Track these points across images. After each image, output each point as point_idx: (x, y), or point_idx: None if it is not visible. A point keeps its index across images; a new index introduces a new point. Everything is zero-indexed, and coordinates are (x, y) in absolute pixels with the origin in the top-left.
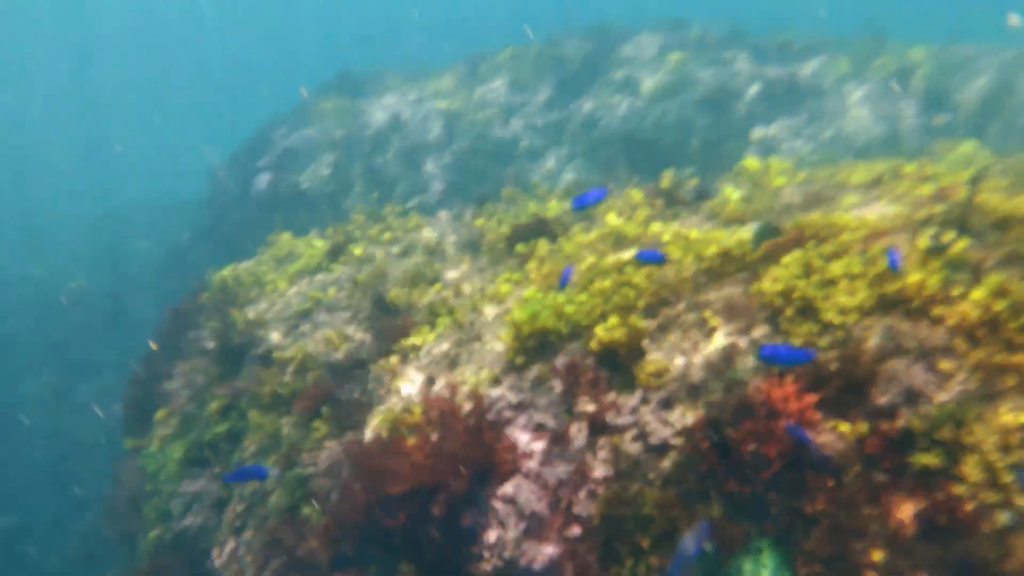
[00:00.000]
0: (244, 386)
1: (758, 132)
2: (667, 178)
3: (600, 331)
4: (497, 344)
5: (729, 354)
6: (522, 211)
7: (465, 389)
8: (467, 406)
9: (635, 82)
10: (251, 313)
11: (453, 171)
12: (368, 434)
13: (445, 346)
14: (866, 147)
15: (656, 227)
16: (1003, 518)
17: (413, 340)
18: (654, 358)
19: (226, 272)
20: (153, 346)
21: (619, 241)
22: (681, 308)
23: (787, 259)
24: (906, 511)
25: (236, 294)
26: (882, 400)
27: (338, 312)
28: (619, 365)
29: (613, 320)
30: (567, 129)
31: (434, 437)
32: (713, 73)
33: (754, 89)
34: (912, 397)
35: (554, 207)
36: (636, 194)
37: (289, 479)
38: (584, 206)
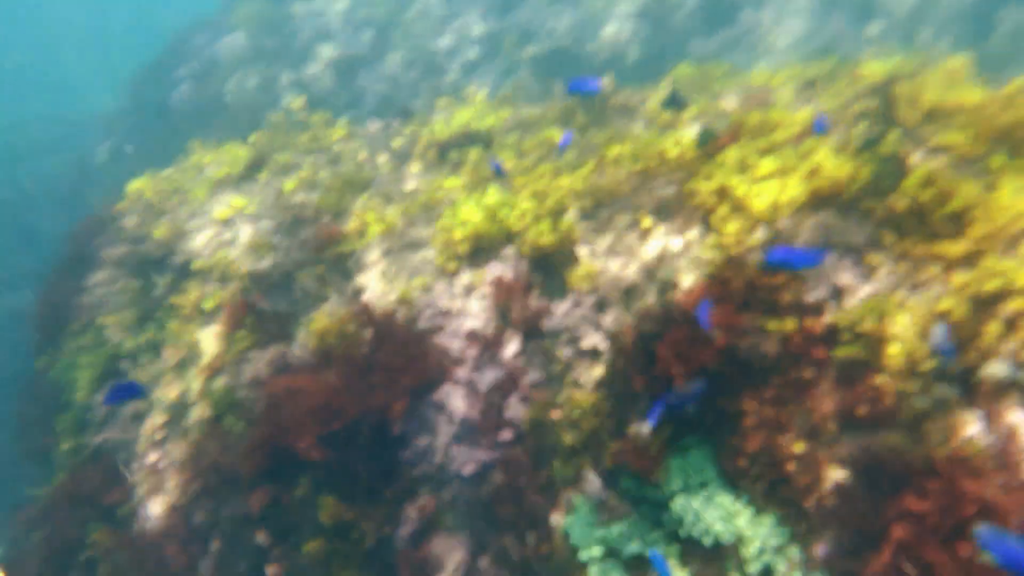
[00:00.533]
0: (163, 296)
1: (696, 45)
2: (604, 85)
3: (533, 235)
4: (429, 251)
5: (662, 256)
6: (456, 121)
7: (395, 297)
8: (399, 314)
9: None
10: (169, 222)
11: (386, 83)
12: (296, 346)
13: (376, 254)
14: (802, 58)
15: (588, 137)
16: (921, 404)
17: (342, 248)
18: (587, 263)
19: (142, 182)
20: (65, 261)
21: (553, 147)
22: (616, 211)
23: (722, 157)
24: (829, 404)
25: (153, 204)
26: (809, 298)
27: (263, 221)
28: (553, 270)
29: (545, 224)
30: (505, 42)
31: (364, 348)
32: None
33: (692, 1)
34: (838, 293)
35: (491, 120)
36: (572, 101)
37: (213, 392)
38: (579, 92)
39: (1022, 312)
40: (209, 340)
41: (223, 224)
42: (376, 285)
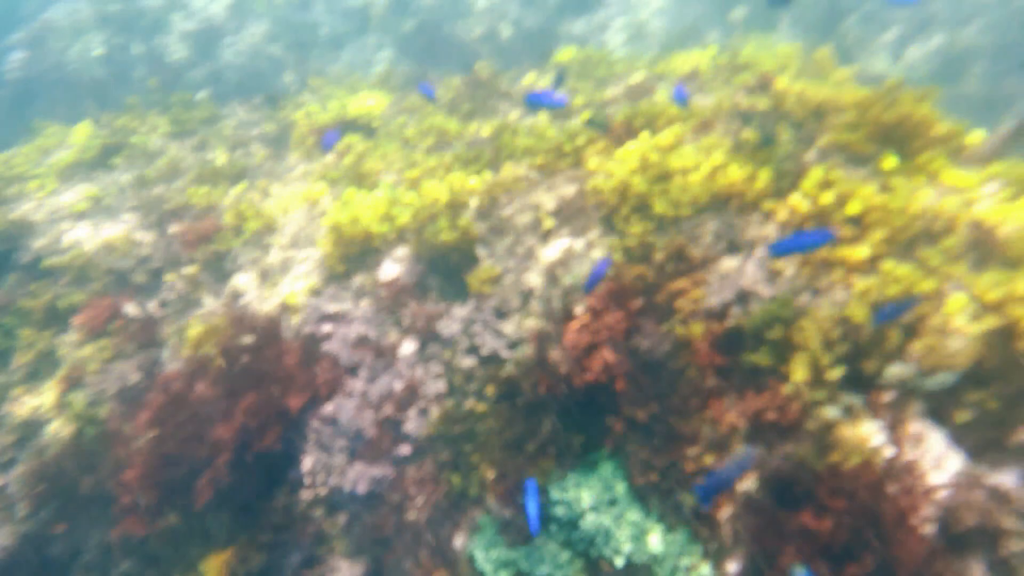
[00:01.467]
0: (7, 299)
1: (567, 25)
2: (484, 68)
3: (429, 234)
4: (315, 251)
5: (565, 259)
6: (334, 105)
7: (278, 301)
8: (283, 320)
9: None
10: (11, 214)
11: (248, 57)
12: (167, 354)
13: (255, 253)
14: (668, 41)
15: (475, 126)
16: (828, 414)
17: (216, 246)
18: (487, 265)
19: None
20: None
21: (442, 136)
22: (516, 209)
23: (621, 153)
24: (734, 415)
25: None
26: (713, 301)
27: (123, 213)
28: (451, 272)
29: (443, 222)
30: (373, 15)
31: (245, 357)
32: None
33: None
34: (744, 296)
35: (372, 106)
36: (455, 82)
37: (72, 406)
38: (541, 105)
39: (922, 318)
40: (67, 348)
41: (77, 216)
42: (256, 288)
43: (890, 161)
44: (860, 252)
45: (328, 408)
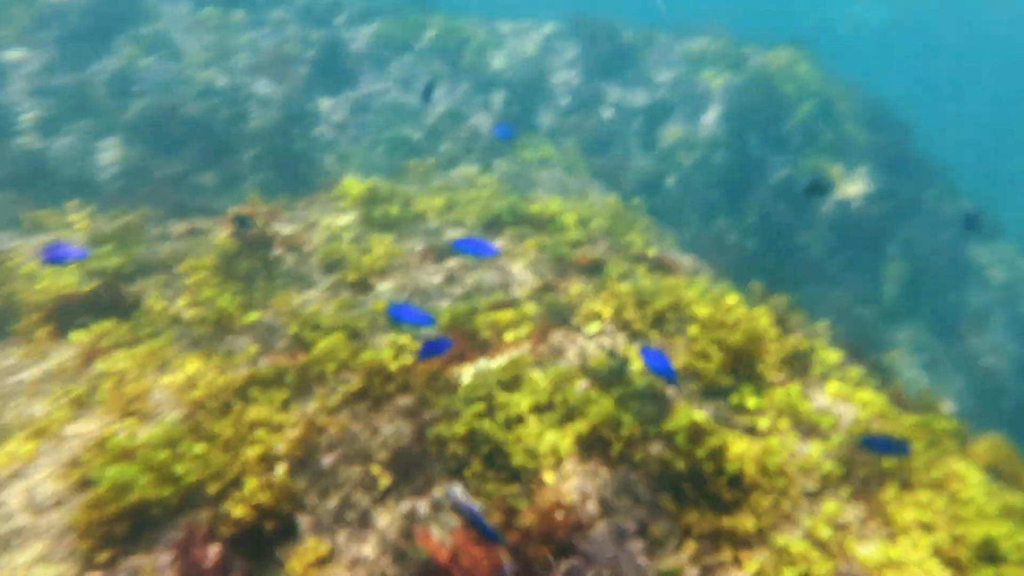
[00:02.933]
0: None
1: (325, 104)
2: (251, 201)
3: (235, 506)
4: (51, 531)
5: (407, 529)
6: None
7: None
8: None
9: (170, 42)
10: None
11: None
12: None
13: None
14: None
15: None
16: None
17: None
18: (313, 543)
19: None
20: None
21: (224, 323)
22: (340, 460)
23: (465, 390)
24: None
25: None
26: None
27: None
28: (263, 550)
29: (252, 482)
30: (92, 96)
31: None
32: (266, 33)
33: (311, 54)
34: None
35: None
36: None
37: None
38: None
39: None
40: None
41: None
42: None
43: (750, 398)
44: (746, 522)
45: None
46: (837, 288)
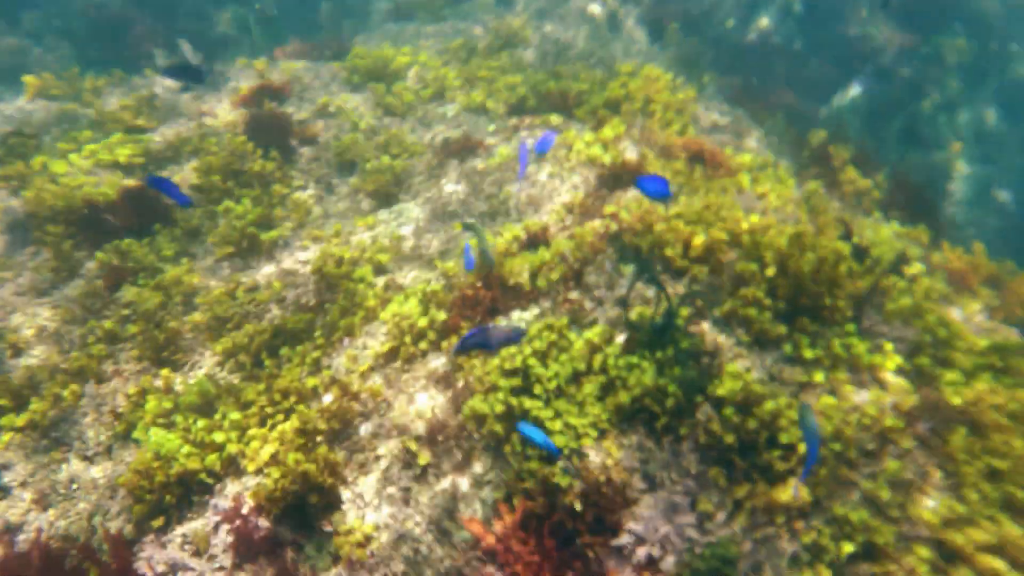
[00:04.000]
0: None
1: None
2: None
3: (277, 473)
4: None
5: (449, 505)
6: None
7: None
8: None
9: None
10: None
11: None
12: None
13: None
14: None
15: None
16: None
17: None
18: (355, 518)
19: None
20: None
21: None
22: (372, 429)
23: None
24: None
25: None
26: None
27: None
28: (307, 522)
29: (294, 455)
30: None
31: None
32: None
33: None
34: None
35: None
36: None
37: None
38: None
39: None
40: None
41: None
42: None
43: (807, 349)
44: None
45: None
46: None
